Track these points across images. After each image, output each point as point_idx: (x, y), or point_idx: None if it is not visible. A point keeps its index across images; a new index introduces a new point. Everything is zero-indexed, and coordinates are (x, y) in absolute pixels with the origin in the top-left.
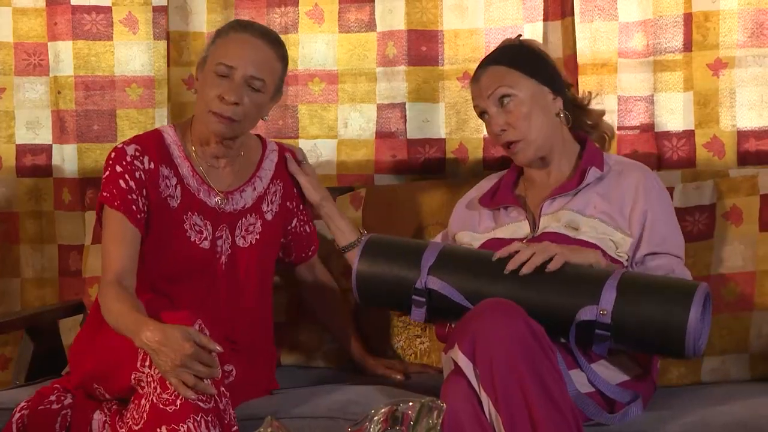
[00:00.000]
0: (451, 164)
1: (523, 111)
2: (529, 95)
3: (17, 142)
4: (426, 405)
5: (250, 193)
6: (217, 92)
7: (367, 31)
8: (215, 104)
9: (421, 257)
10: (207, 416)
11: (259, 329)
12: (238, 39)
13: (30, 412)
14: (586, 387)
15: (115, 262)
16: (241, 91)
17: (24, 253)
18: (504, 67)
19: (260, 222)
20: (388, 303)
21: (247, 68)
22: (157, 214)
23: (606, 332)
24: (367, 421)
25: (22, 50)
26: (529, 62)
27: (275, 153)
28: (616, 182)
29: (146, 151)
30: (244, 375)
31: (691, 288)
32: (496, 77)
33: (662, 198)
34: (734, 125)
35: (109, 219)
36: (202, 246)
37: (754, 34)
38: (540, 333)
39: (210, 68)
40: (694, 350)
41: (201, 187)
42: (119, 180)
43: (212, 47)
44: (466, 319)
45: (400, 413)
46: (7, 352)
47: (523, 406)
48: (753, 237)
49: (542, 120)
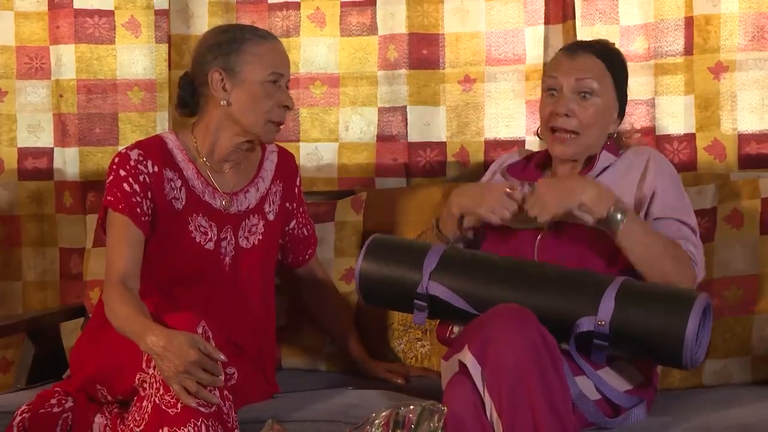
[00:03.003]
0: (452, 167)
1: (594, 113)
2: (605, 104)
3: (19, 145)
4: (427, 409)
5: (253, 194)
6: (280, 101)
7: (368, 34)
8: (278, 114)
9: (424, 261)
10: (208, 421)
11: (262, 331)
12: (271, 46)
13: (31, 415)
14: (594, 395)
15: (120, 264)
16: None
17: (25, 256)
18: (604, 64)
19: (263, 222)
20: (390, 304)
21: (288, 73)
22: (163, 216)
23: (604, 342)
24: (369, 425)
25: (24, 54)
26: (621, 75)
27: (275, 154)
28: (626, 162)
29: (149, 155)
30: (247, 377)
31: (690, 299)
32: (594, 69)
33: (672, 174)
34: (735, 128)
35: (114, 222)
36: (207, 247)
37: (755, 37)
38: (551, 342)
39: (260, 78)
40: (691, 361)
41: (206, 189)
42: (123, 183)
43: (239, 56)
44: (478, 323)
45: (402, 417)
46: (9, 355)
47: (528, 415)
48: (754, 240)
49: (599, 130)
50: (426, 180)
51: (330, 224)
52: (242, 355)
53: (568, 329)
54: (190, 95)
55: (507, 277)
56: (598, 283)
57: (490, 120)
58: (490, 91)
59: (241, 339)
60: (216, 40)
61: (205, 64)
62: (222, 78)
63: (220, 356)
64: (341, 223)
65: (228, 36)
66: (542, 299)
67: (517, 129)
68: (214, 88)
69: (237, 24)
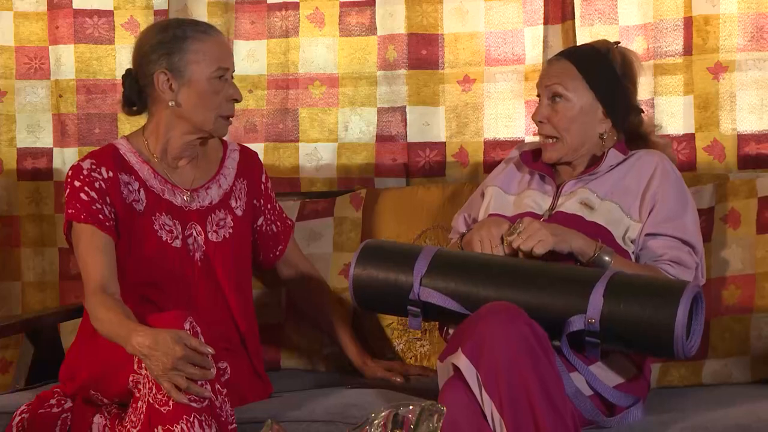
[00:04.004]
0: (452, 167)
1: (567, 116)
2: (580, 105)
3: (18, 145)
4: (426, 409)
5: (216, 190)
6: (228, 95)
7: (367, 34)
8: (228, 107)
9: (414, 265)
10: (200, 416)
11: (243, 325)
12: (213, 41)
13: (30, 415)
14: (585, 390)
15: (96, 272)
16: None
17: (25, 256)
18: (574, 67)
19: (231, 217)
20: (385, 309)
21: (233, 65)
22: (126, 220)
23: (596, 339)
24: (367, 425)
25: (23, 54)
26: (598, 74)
27: (237, 152)
28: (633, 164)
29: (102, 162)
30: (240, 374)
31: (678, 289)
32: (561, 73)
33: (677, 183)
34: (734, 129)
35: (81, 233)
36: (174, 245)
37: (754, 37)
38: (542, 335)
39: (206, 76)
40: (683, 351)
41: (165, 186)
42: (80, 194)
43: (183, 55)
44: (468, 323)
45: (401, 417)
46: (8, 356)
47: (527, 410)
48: (751, 239)
49: (581, 132)
50: (425, 180)
51: (329, 219)
52: (231, 350)
53: (560, 326)
54: (137, 94)
55: (497, 276)
56: (586, 278)
57: (489, 120)
58: (489, 91)
59: (228, 334)
60: (157, 39)
61: (149, 65)
62: (168, 79)
63: (207, 349)
64: (340, 219)
65: (169, 34)
66: (533, 297)
67: (516, 129)
68: (160, 89)
69: (176, 19)
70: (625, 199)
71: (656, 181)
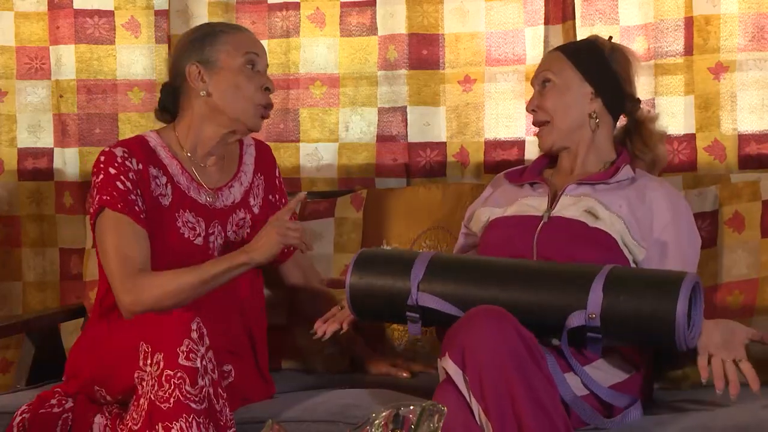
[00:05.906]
0: (452, 167)
1: (555, 96)
2: (567, 84)
3: (19, 145)
4: (427, 409)
5: (238, 189)
6: (261, 83)
7: (368, 34)
8: (261, 96)
9: (411, 271)
10: (199, 417)
11: (254, 326)
12: (244, 34)
13: (31, 415)
14: (581, 390)
15: (134, 256)
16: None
17: (25, 256)
18: (563, 56)
19: (249, 216)
20: (383, 318)
21: (265, 57)
22: (151, 214)
23: (597, 335)
24: (368, 425)
25: (24, 54)
26: (585, 59)
27: (252, 147)
28: (643, 194)
29: (133, 153)
30: (244, 376)
31: (677, 280)
32: (549, 62)
33: (689, 224)
34: (735, 129)
35: (116, 222)
36: (196, 243)
37: (755, 37)
38: (530, 339)
39: (237, 63)
40: (686, 342)
41: (191, 184)
42: (116, 182)
43: (213, 47)
44: (455, 327)
45: (401, 417)
46: (9, 356)
47: (512, 414)
48: (755, 244)
49: (571, 111)
50: (426, 180)
51: (329, 220)
52: (237, 352)
53: (560, 324)
54: (171, 101)
55: (495, 277)
56: (585, 274)
57: (490, 120)
58: (490, 91)
59: (235, 335)
60: (189, 38)
61: (181, 62)
62: (199, 70)
63: (291, 202)
64: (341, 219)
65: (201, 32)
66: (533, 296)
67: (516, 129)
68: (192, 80)
69: (207, 22)
70: (635, 228)
71: (668, 223)
